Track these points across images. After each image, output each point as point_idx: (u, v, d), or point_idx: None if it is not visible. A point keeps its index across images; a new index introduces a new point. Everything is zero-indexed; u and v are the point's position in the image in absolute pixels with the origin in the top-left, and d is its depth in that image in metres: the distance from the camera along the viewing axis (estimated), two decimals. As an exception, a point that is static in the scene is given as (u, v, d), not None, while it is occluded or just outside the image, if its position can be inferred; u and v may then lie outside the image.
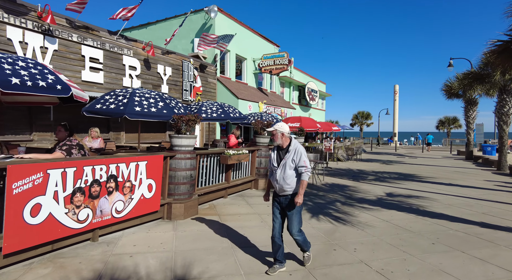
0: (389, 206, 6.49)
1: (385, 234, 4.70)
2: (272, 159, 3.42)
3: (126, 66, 9.40)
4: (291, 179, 3.27)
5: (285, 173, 3.28)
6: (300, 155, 3.25)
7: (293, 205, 3.27)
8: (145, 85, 10.13)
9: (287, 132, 3.35)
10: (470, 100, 17.85)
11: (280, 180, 3.28)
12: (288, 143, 3.36)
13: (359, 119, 43.92)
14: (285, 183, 3.25)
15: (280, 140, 3.34)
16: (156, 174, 4.89)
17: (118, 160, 4.23)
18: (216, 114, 6.84)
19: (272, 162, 3.41)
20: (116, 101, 5.12)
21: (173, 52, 11.30)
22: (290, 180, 3.25)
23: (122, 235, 4.37)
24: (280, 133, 3.33)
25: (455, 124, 41.09)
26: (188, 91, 11.65)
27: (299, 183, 3.29)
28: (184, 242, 4.19)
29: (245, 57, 16.42)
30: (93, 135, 7.25)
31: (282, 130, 3.32)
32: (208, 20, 13.95)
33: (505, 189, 8.73)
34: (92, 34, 8.31)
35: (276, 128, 3.32)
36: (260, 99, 15.54)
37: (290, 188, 3.28)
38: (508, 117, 12.99)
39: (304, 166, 3.22)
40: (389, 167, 14.37)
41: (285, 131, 3.33)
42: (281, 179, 3.27)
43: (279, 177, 3.29)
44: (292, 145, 3.33)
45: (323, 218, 5.58)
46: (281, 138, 3.34)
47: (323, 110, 30.43)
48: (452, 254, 3.93)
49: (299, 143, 3.38)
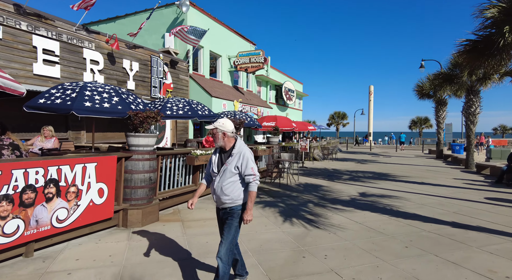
0: (363, 207, 6.32)
1: (358, 237, 4.47)
2: (212, 163, 2.81)
3: (87, 60, 8.67)
4: (231, 189, 2.67)
5: (224, 181, 2.68)
6: (246, 161, 2.65)
7: (230, 222, 2.70)
8: (109, 81, 9.43)
9: (230, 132, 2.73)
10: (440, 101, 18.41)
11: (218, 190, 2.69)
12: (232, 144, 2.76)
13: (336, 120, 44.58)
14: (223, 193, 2.67)
15: (222, 141, 2.74)
16: (108, 177, 4.37)
17: (59, 162, 3.69)
18: (182, 112, 6.37)
19: (212, 166, 2.79)
20: (64, 96, 4.54)
21: (141, 47, 10.64)
22: (229, 190, 2.66)
23: (65, 247, 3.82)
24: (221, 132, 2.71)
25: (426, 124, 42.69)
26: (158, 88, 11.03)
27: (244, 195, 2.72)
28: (137, 253, 3.72)
29: (220, 55, 15.95)
30: (46, 135, 6.55)
31: (223, 128, 2.70)
32: (180, 15, 13.36)
33: (473, 187, 8.89)
34: (45, 23, 7.54)
35: (216, 127, 2.71)
36: (235, 97, 15.14)
37: (229, 200, 2.69)
38: (475, 117, 13.42)
39: (252, 174, 2.65)
40: (363, 166, 14.44)
41: (228, 130, 2.72)
42: (219, 188, 2.69)
43: (216, 185, 2.70)
44: (237, 147, 2.72)
45: (295, 221, 5.28)
46: (222, 139, 2.74)
47: (300, 110, 30.49)
48: (425, 258, 3.73)
49: (246, 145, 2.79)
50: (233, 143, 2.77)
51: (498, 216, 5.75)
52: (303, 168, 12.99)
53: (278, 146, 11.44)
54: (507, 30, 7.16)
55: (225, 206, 2.72)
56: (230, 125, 2.74)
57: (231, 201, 2.69)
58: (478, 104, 13.32)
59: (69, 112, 4.33)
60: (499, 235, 4.62)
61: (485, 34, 7.89)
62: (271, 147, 10.63)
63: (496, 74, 12.90)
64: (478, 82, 13.18)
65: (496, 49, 7.50)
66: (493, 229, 4.91)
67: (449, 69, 14.23)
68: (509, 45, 7.38)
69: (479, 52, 8.03)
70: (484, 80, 13.04)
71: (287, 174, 9.81)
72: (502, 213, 5.97)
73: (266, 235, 4.51)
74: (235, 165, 2.67)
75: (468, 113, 13.48)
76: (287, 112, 25.22)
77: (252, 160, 2.71)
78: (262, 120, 14.05)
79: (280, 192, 7.82)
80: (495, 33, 7.53)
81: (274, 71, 23.69)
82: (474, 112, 13.36)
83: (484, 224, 5.18)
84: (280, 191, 8.03)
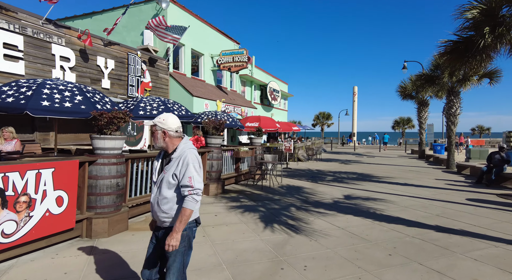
0: (346, 210, 6.12)
1: (340, 245, 4.24)
2: (154, 170, 2.29)
3: (56, 56, 8.10)
4: (171, 205, 2.11)
5: (161, 193, 2.13)
6: (186, 167, 2.06)
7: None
8: (81, 79, 8.88)
9: (174, 130, 2.16)
10: (422, 102, 18.68)
11: (155, 204, 2.16)
12: (176, 146, 2.18)
13: (321, 120, 44.85)
14: (160, 209, 2.13)
15: (162, 141, 2.17)
16: (69, 183, 3.95)
17: (5, 168, 3.26)
18: (156, 112, 5.98)
19: (153, 174, 2.27)
20: (17, 94, 4.09)
21: (117, 44, 10.12)
22: (168, 206, 2.10)
23: (13, 265, 3.39)
24: (161, 130, 2.15)
25: (409, 125, 43.62)
26: (135, 87, 10.53)
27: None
28: (97, 270, 3.33)
29: (202, 53, 15.53)
30: (5, 137, 6.01)
31: (163, 126, 2.14)
32: (159, 11, 12.87)
33: (454, 188, 8.91)
34: (6, 15, 6.96)
35: (155, 123, 2.16)
36: (218, 97, 14.77)
37: (167, 218, 2.14)
38: (455, 118, 13.61)
39: (189, 185, 2.04)
40: (347, 166, 14.39)
41: (169, 128, 2.14)
42: (155, 202, 2.16)
43: (153, 199, 2.18)
44: (178, 150, 2.14)
45: (276, 227, 5.01)
46: (162, 139, 2.16)
47: (286, 110, 30.38)
48: (410, 268, 3.53)
49: (193, 148, 2.19)
50: (177, 144, 2.19)
51: (480, 218, 5.68)
52: (287, 169, 12.78)
53: (262, 147, 11.17)
54: (487, 31, 7.15)
55: (165, 226, 2.17)
56: (173, 122, 2.17)
57: (171, 219, 2.13)
58: (458, 105, 13.51)
59: (22, 112, 3.89)
60: (482, 239, 4.51)
61: (466, 35, 7.90)
62: (254, 148, 10.35)
63: (475, 76, 13.12)
64: (458, 83, 13.37)
65: (477, 50, 7.50)
66: (476, 233, 4.80)
67: (430, 70, 14.39)
68: (489, 46, 7.39)
69: (460, 53, 8.03)
70: (464, 82, 13.24)
71: (270, 175, 9.55)
72: (483, 215, 5.92)
73: (244, 244, 4.21)
74: (173, 172, 2.09)
75: (449, 114, 13.66)
76: (272, 113, 25.02)
77: (196, 167, 2.10)
78: (245, 121, 13.75)
79: (262, 195, 7.55)
80: (475, 34, 7.53)
81: (258, 71, 23.44)
82: (455, 113, 13.54)
83: (467, 227, 5.08)
84: (262, 194, 7.75)
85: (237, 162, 9.35)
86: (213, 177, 7.50)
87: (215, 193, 7.43)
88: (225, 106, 14.91)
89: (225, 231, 4.76)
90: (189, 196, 2.05)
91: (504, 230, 4.98)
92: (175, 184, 2.10)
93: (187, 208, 2.04)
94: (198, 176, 2.09)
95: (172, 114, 2.26)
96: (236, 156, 8.96)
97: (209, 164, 7.48)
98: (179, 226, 2.04)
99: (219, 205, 6.45)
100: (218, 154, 7.64)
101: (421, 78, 14.86)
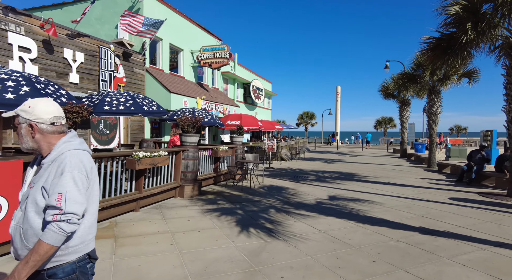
0: (328, 212, 5.81)
1: (321, 250, 3.90)
2: (23, 183, 1.52)
3: (13, 47, 7.36)
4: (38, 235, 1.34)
5: (27, 219, 1.36)
6: (59, 177, 1.33)
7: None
8: (45, 73, 8.16)
9: (47, 122, 1.43)
10: (404, 101, 18.83)
11: (16, 236, 1.39)
12: (53, 146, 1.45)
13: (304, 119, 44.92)
14: (24, 245, 1.36)
15: (29, 140, 1.44)
16: (10, 188, 3.41)
17: None
18: (123, 107, 5.45)
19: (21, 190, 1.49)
20: None
21: (87, 35, 9.42)
22: (36, 239, 1.33)
23: None
24: (26, 124, 1.42)
25: (391, 124, 44.36)
26: (107, 82, 9.85)
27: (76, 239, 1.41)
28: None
29: (182, 48, 14.93)
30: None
31: (29, 117, 1.41)
32: (135, 3, 12.20)
33: (437, 187, 8.83)
34: (-45, -1, 6.22)
35: (17, 113, 1.43)
36: (198, 94, 14.22)
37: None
38: (436, 117, 13.69)
39: (56, 206, 1.30)
40: (330, 165, 14.22)
41: (39, 120, 1.42)
42: (17, 233, 1.38)
43: (14, 228, 1.41)
44: (55, 151, 1.41)
45: (253, 231, 4.62)
46: (29, 136, 1.43)
47: (270, 109, 30.10)
48: (395, 276, 3.22)
49: (78, 149, 1.45)
50: (55, 143, 1.45)
51: (464, 218, 5.51)
52: (269, 169, 12.44)
53: (243, 146, 10.75)
54: (469, 27, 7.05)
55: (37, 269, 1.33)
56: (45, 111, 1.43)
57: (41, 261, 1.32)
58: (439, 104, 13.60)
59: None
60: (468, 242, 4.29)
61: (448, 32, 7.79)
62: (234, 147, 9.92)
63: (455, 75, 13.24)
64: (439, 82, 13.45)
65: (459, 46, 7.40)
66: (461, 235, 4.59)
67: (412, 69, 14.43)
68: (471, 42, 7.30)
69: (442, 50, 7.92)
70: (444, 81, 13.33)
71: (251, 175, 9.16)
72: (467, 214, 5.76)
73: (215, 253, 3.79)
74: (43, 185, 1.36)
75: (430, 113, 13.73)
76: (256, 112, 24.65)
77: (76, 179, 1.35)
78: (226, 119, 13.30)
79: (241, 197, 7.14)
80: (458, 31, 7.43)
81: (242, 69, 23.00)
82: (436, 112, 13.62)
83: (452, 229, 4.87)
84: (241, 195, 7.35)
85: (216, 161, 8.89)
86: (188, 177, 7.02)
87: (191, 195, 6.95)
88: (206, 104, 14.39)
89: (197, 238, 4.32)
90: (53, 223, 1.29)
91: (488, 231, 4.80)
92: (43, 205, 1.34)
93: (44, 242, 1.27)
94: (77, 193, 1.33)
95: (47, 98, 1.51)
96: (215, 155, 8.51)
97: (184, 164, 7.00)
98: (20, 270, 1.25)
99: (194, 208, 6.00)
100: (194, 153, 7.16)
101: (403, 77, 14.89)
